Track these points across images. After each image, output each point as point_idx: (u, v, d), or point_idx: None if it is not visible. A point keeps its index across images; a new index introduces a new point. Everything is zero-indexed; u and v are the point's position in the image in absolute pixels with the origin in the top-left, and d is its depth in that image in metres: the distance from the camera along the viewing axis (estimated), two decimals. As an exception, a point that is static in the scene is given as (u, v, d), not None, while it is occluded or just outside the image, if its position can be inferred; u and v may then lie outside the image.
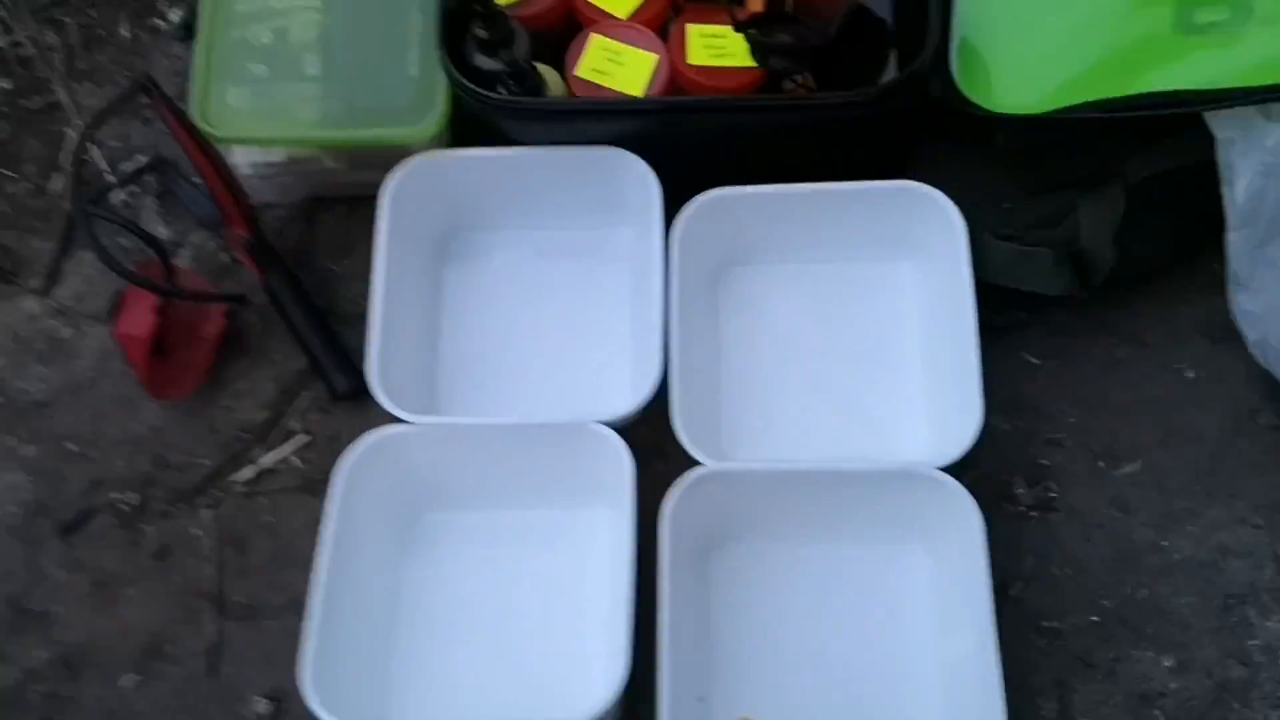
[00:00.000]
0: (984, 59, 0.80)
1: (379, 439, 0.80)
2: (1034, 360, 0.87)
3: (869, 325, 0.87)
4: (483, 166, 0.87)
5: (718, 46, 0.87)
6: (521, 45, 0.86)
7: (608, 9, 0.89)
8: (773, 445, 0.84)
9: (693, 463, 0.76)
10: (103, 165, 0.98)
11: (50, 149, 0.99)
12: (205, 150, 0.84)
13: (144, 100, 0.83)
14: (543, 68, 0.85)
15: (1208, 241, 0.81)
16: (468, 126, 0.87)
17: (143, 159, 0.96)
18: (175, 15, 1.01)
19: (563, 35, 0.92)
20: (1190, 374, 0.85)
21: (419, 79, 0.87)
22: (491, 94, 0.82)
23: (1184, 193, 0.81)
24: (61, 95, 1.00)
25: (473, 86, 0.81)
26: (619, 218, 0.90)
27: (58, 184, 0.98)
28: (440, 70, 0.84)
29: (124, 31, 1.02)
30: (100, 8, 1.03)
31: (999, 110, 0.79)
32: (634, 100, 0.84)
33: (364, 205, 0.92)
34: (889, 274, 0.88)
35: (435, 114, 0.85)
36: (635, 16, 0.89)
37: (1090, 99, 0.75)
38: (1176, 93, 0.72)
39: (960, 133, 0.89)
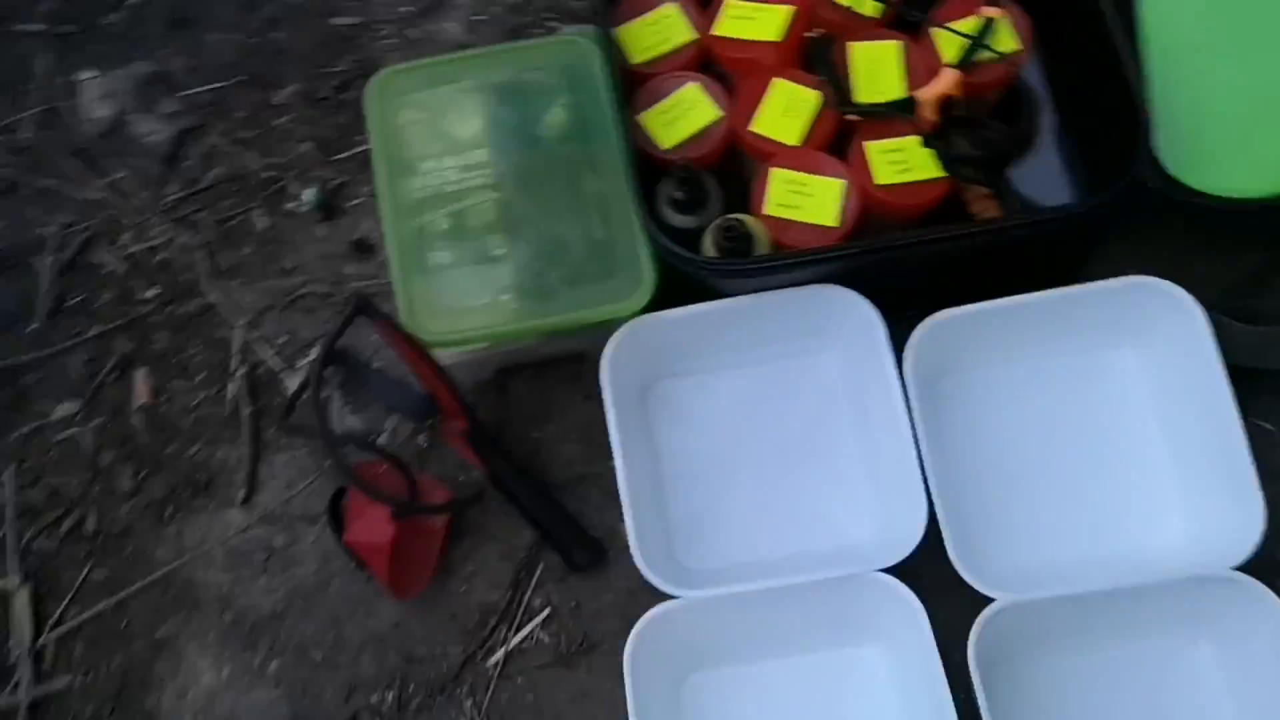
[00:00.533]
0: (1204, 143, 0.81)
1: (658, 615, 0.79)
2: (1266, 425, 0.88)
3: (1103, 419, 0.87)
4: (694, 321, 0.86)
5: (900, 161, 0.87)
6: (716, 202, 0.85)
7: (778, 138, 0.88)
8: (1045, 551, 0.85)
9: (984, 598, 0.77)
10: (275, 363, 0.96)
11: (216, 353, 0.97)
12: (423, 354, 0.83)
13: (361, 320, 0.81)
14: (748, 220, 0.84)
15: None
16: (669, 280, 0.86)
17: (313, 352, 0.95)
18: (308, 195, 0.99)
19: (731, 169, 0.92)
20: None
21: (608, 241, 0.85)
22: (708, 259, 0.81)
23: None
24: (214, 296, 0.98)
25: (688, 254, 0.80)
26: (822, 344, 0.90)
27: (232, 389, 0.96)
28: (634, 232, 0.84)
29: (259, 220, 1.00)
30: (230, 199, 1.01)
31: (1228, 195, 0.80)
32: (840, 247, 0.82)
33: (553, 368, 0.92)
34: (1116, 365, 0.88)
35: (645, 285, 0.84)
36: (808, 141, 0.88)
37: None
38: None
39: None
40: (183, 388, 0.96)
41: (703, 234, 0.84)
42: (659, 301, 0.86)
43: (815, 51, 0.84)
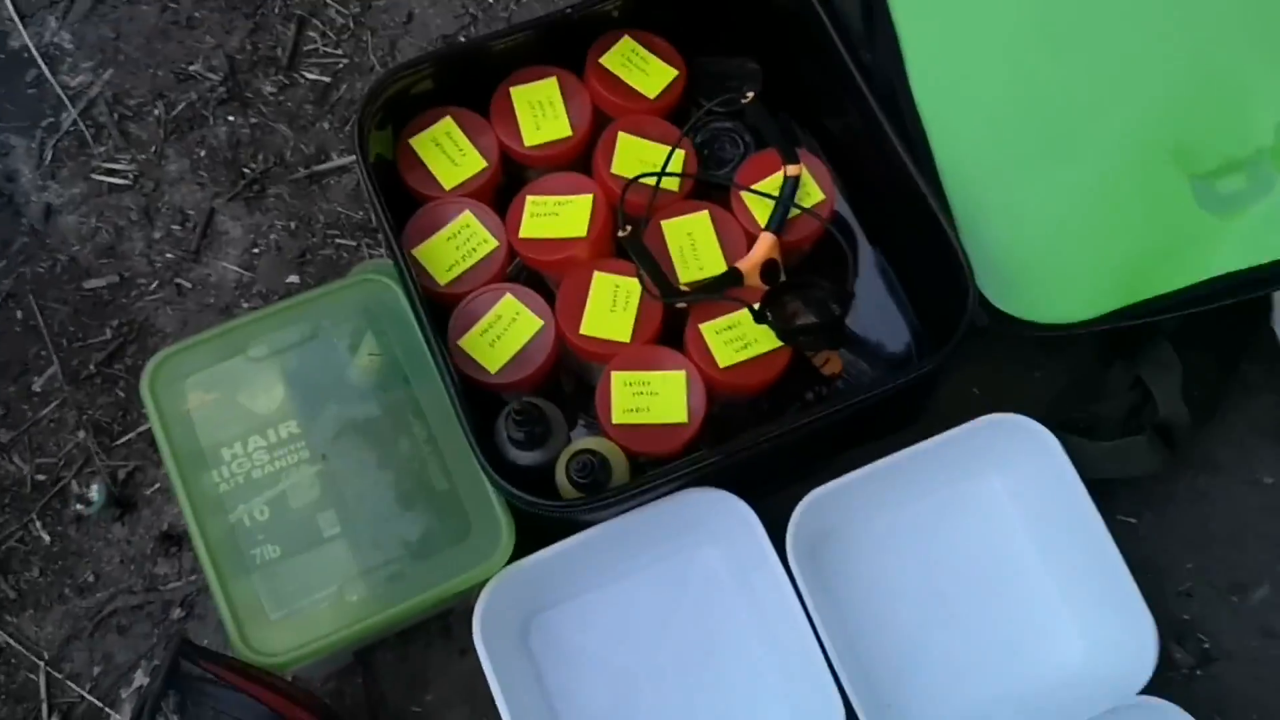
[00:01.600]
0: (1019, 271, 0.80)
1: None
2: (1130, 520, 0.88)
3: (984, 551, 0.85)
4: (564, 558, 0.79)
5: (739, 338, 0.83)
6: (560, 430, 0.79)
7: (610, 337, 0.82)
8: (957, 700, 0.82)
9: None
10: (93, 701, 0.82)
11: (20, 705, 0.83)
12: (263, 681, 0.72)
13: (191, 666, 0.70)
14: (599, 446, 0.77)
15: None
16: (529, 517, 0.79)
17: (137, 678, 0.82)
18: (94, 493, 0.87)
19: (567, 376, 0.85)
20: (1269, 479, 0.88)
21: (452, 492, 0.77)
22: (566, 502, 0.74)
23: (1219, 315, 0.82)
24: (5, 638, 0.84)
25: (542, 501, 0.73)
26: (698, 539, 0.84)
27: (46, 738, 0.82)
28: (480, 477, 0.76)
29: (41, 534, 0.87)
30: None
31: (1051, 323, 0.79)
32: (698, 459, 0.76)
33: (418, 632, 0.83)
34: (985, 495, 0.86)
35: (505, 538, 0.76)
36: (640, 335, 0.83)
37: (1145, 297, 0.76)
38: (1231, 275, 0.74)
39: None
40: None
41: (553, 467, 0.77)
42: (521, 544, 0.78)
43: (630, 246, 0.79)
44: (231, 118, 0.96)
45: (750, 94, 0.84)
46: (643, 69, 0.90)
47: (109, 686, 0.83)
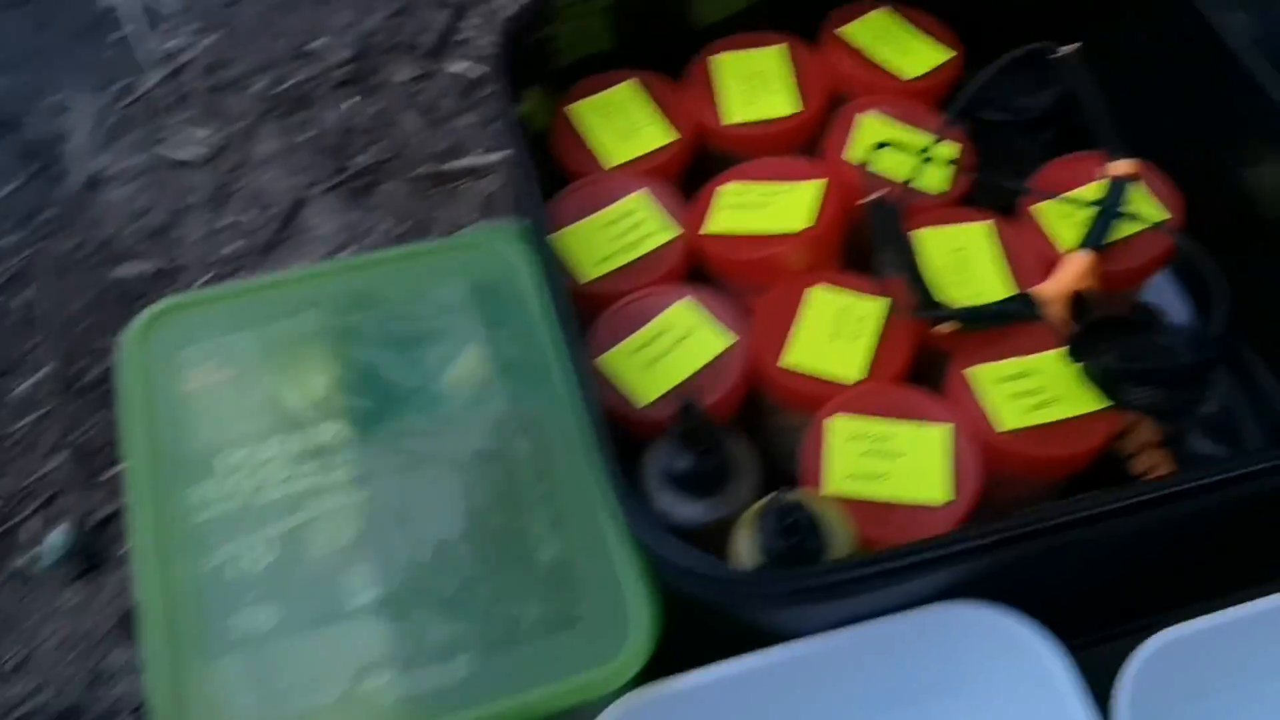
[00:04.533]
0: None
1: None
2: None
3: None
4: (730, 689, 0.47)
5: (1032, 391, 0.53)
6: (747, 475, 0.49)
7: (829, 373, 0.53)
8: None
9: None
10: None
11: None
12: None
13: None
14: (809, 498, 0.47)
15: None
16: (670, 624, 0.48)
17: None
18: (53, 540, 0.60)
19: (746, 429, 0.56)
20: None
21: (562, 563, 0.47)
22: (761, 572, 0.43)
23: None
24: None
25: (721, 568, 0.42)
26: (968, 683, 0.51)
27: None
28: (607, 544, 0.46)
29: (-30, 589, 0.60)
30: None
31: None
32: (964, 534, 0.46)
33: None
34: None
35: (639, 634, 0.45)
36: (875, 373, 0.54)
37: None
38: None
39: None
40: None
41: (727, 532, 0.47)
42: (656, 661, 0.47)
43: (879, 222, 0.52)
44: (349, 102, 0.75)
45: (1071, 46, 0.58)
46: (902, 45, 0.66)
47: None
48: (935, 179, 0.60)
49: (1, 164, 0.74)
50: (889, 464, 0.51)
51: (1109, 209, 0.57)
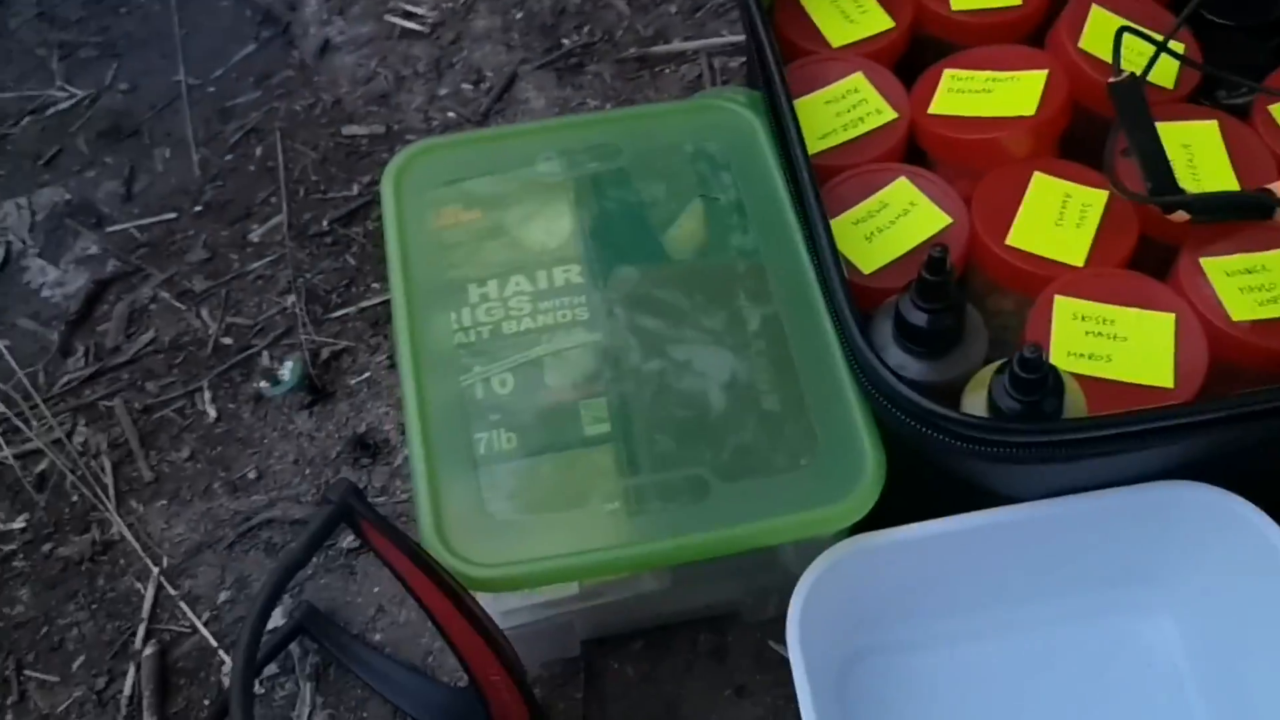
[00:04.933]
0: None
1: None
2: None
3: None
4: (937, 546, 0.49)
5: (1264, 286, 0.52)
6: (978, 337, 0.50)
7: (1054, 255, 0.54)
8: None
9: None
10: (206, 636, 0.57)
11: (114, 620, 0.58)
12: (459, 606, 0.44)
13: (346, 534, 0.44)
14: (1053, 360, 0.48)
15: None
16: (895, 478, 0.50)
17: (281, 620, 0.56)
18: (286, 370, 0.64)
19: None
20: None
21: (785, 413, 0.49)
22: (997, 424, 0.45)
23: None
24: (120, 527, 0.61)
25: (955, 414, 0.44)
26: (1158, 595, 0.52)
27: (130, 680, 0.56)
28: (835, 391, 0.48)
29: (208, 408, 0.64)
30: (163, 376, 0.65)
31: None
32: (1197, 407, 0.47)
33: (679, 640, 0.54)
34: None
35: (871, 474, 0.47)
36: (1098, 260, 0.54)
37: None
38: None
39: None
40: (49, 682, 0.57)
41: (950, 397, 0.48)
42: (877, 511, 0.48)
43: (1125, 99, 0.52)
44: (564, -15, 0.77)
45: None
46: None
47: (232, 621, 0.57)
48: (1164, 75, 0.60)
49: (239, 28, 0.78)
50: (1113, 346, 0.51)
51: (1351, 111, 0.56)
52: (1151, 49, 0.57)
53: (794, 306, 0.51)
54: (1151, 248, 0.56)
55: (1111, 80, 0.51)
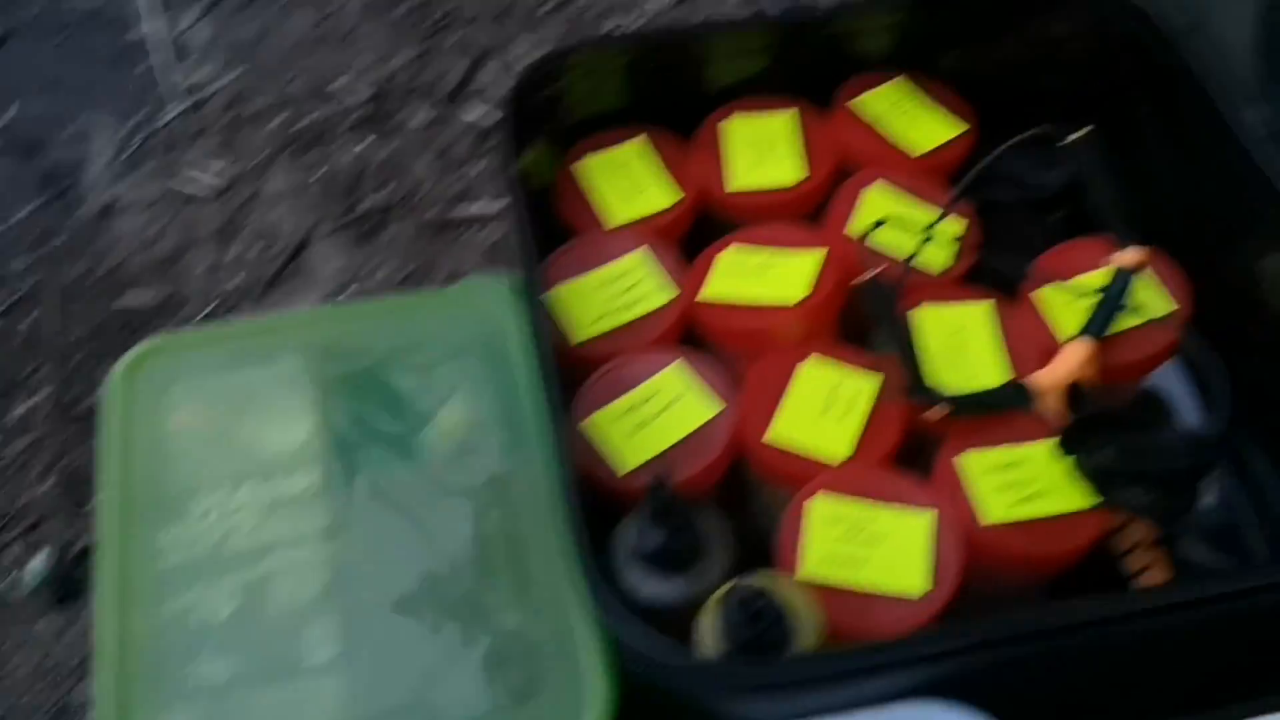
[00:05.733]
0: None
1: None
2: None
3: None
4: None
5: (1020, 484, 0.51)
6: (719, 555, 0.48)
7: (816, 451, 0.53)
8: None
9: None
10: None
11: None
12: None
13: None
14: (777, 584, 0.46)
15: None
16: (632, 698, 0.47)
17: None
18: (34, 566, 0.60)
19: (732, 505, 0.55)
20: None
21: (523, 633, 0.46)
22: (717, 661, 0.42)
23: None
24: None
25: (677, 651, 0.42)
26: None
27: None
28: (572, 616, 0.45)
29: (-53, 608, 0.60)
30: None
31: None
32: (939, 634, 0.45)
33: None
34: None
35: (594, 712, 0.44)
36: (863, 453, 0.53)
37: None
38: None
39: None
40: None
41: (694, 614, 0.46)
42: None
43: (873, 302, 0.51)
44: (364, 143, 0.75)
45: (1083, 130, 0.57)
46: (914, 118, 0.65)
47: None
48: (938, 256, 0.60)
49: (21, 188, 0.75)
50: (868, 550, 0.49)
51: (1112, 298, 0.56)
52: (930, 227, 0.57)
53: (538, 519, 0.49)
54: (924, 438, 0.55)
55: (855, 283, 0.51)
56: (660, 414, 0.54)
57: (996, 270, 0.60)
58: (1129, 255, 0.56)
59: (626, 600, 0.47)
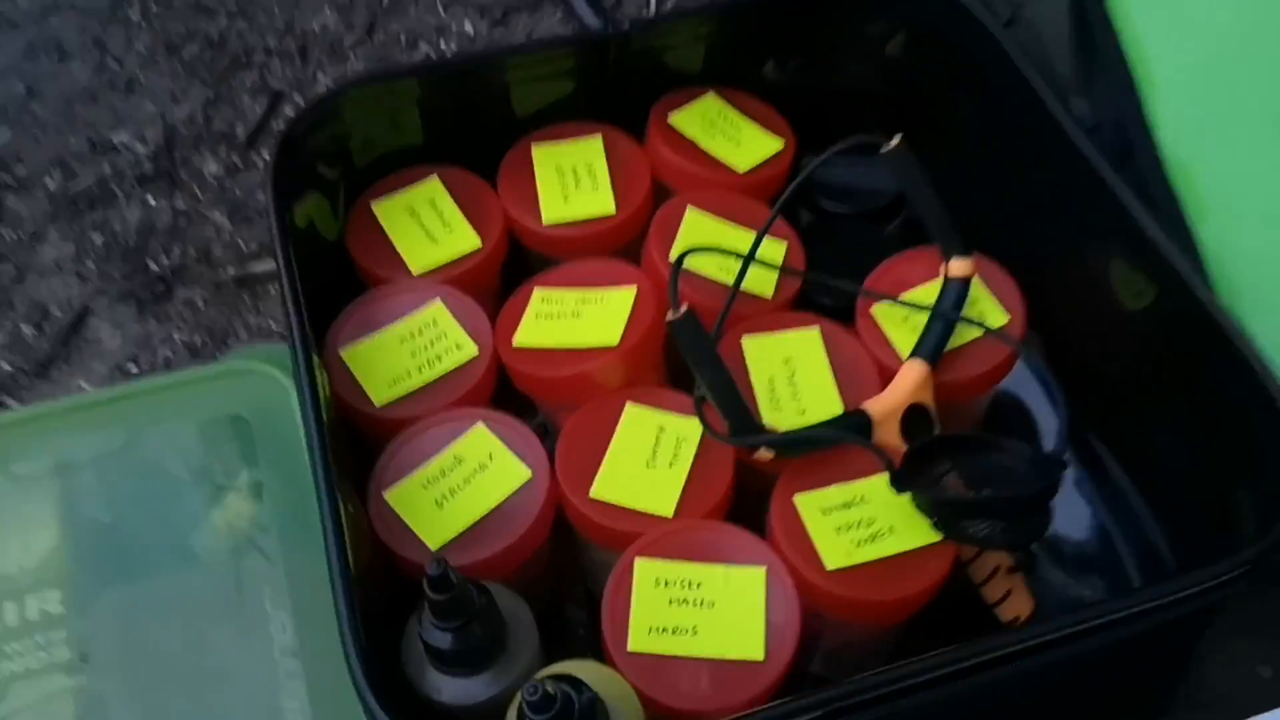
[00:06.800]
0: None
1: None
2: None
3: None
4: None
5: (861, 524, 0.47)
6: (524, 640, 0.43)
7: (641, 507, 0.48)
8: None
9: None
10: None
11: None
12: None
13: None
14: (589, 673, 0.41)
15: None
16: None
17: None
18: None
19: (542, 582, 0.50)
20: None
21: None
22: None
23: None
24: None
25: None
26: None
27: None
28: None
29: None
30: None
31: None
32: (781, 705, 0.40)
33: None
34: None
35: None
36: (691, 508, 0.48)
37: None
38: None
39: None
40: None
41: (502, 710, 0.41)
42: None
43: (685, 339, 0.46)
44: (151, 200, 0.69)
45: (894, 140, 0.53)
46: (732, 136, 0.61)
47: None
48: (764, 280, 0.56)
49: None
50: (699, 615, 0.45)
51: (941, 314, 0.52)
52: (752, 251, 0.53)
53: (318, 622, 0.43)
54: (755, 480, 0.50)
55: (670, 319, 0.46)
56: (466, 483, 0.49)
57: (832, 289, 0.56)
58: (958, 266, 0.53)
59: (422, 701, 0.41)
